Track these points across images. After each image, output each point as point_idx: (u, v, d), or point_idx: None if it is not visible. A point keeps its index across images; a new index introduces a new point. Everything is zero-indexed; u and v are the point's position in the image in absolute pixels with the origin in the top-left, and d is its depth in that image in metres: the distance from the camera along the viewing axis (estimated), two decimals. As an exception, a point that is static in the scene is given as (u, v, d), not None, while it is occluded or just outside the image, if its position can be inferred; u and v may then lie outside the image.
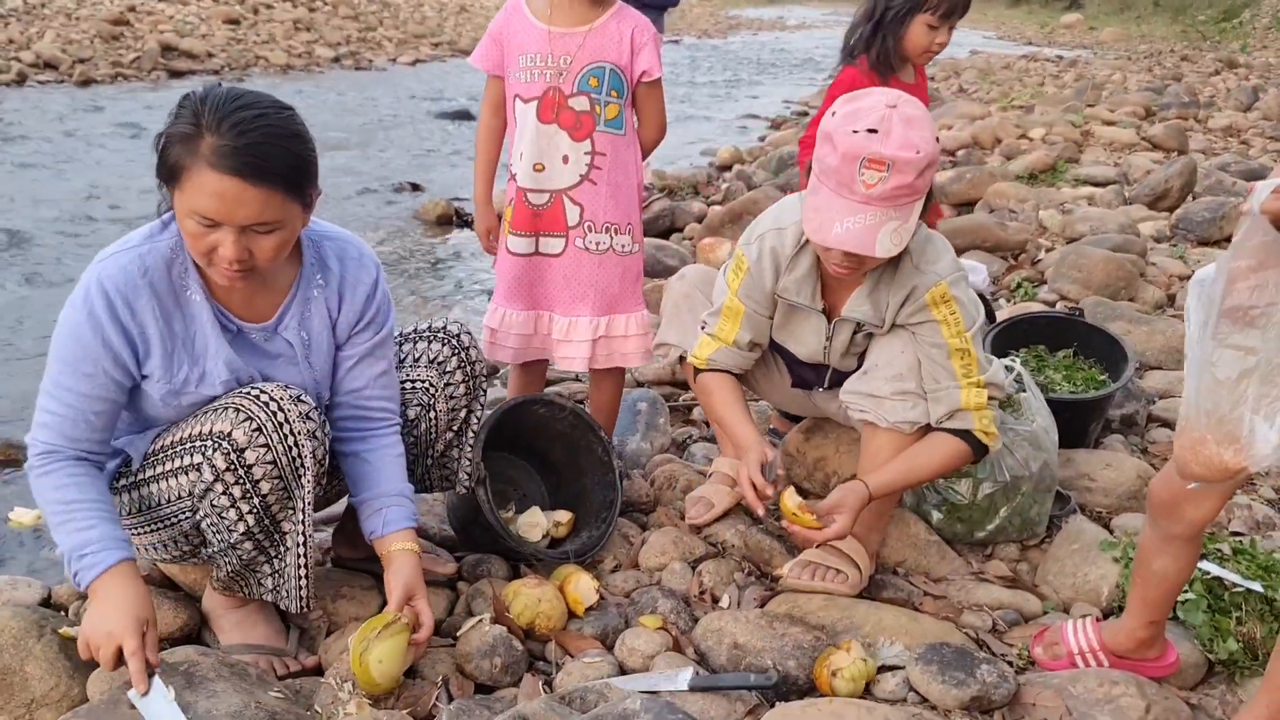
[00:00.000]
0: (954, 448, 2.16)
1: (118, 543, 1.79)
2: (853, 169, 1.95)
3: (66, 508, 1.79)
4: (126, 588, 1.77)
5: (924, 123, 1.99)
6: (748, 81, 15.86)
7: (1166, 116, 9.41)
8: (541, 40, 2.59)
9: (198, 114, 1.70)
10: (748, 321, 2.33)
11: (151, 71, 11.84)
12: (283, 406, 1.84)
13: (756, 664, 1.94)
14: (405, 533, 2.01)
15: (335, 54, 14.76)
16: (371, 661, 1.82)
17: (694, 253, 5.24)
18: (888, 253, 1.99)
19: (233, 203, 1.68)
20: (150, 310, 1.82)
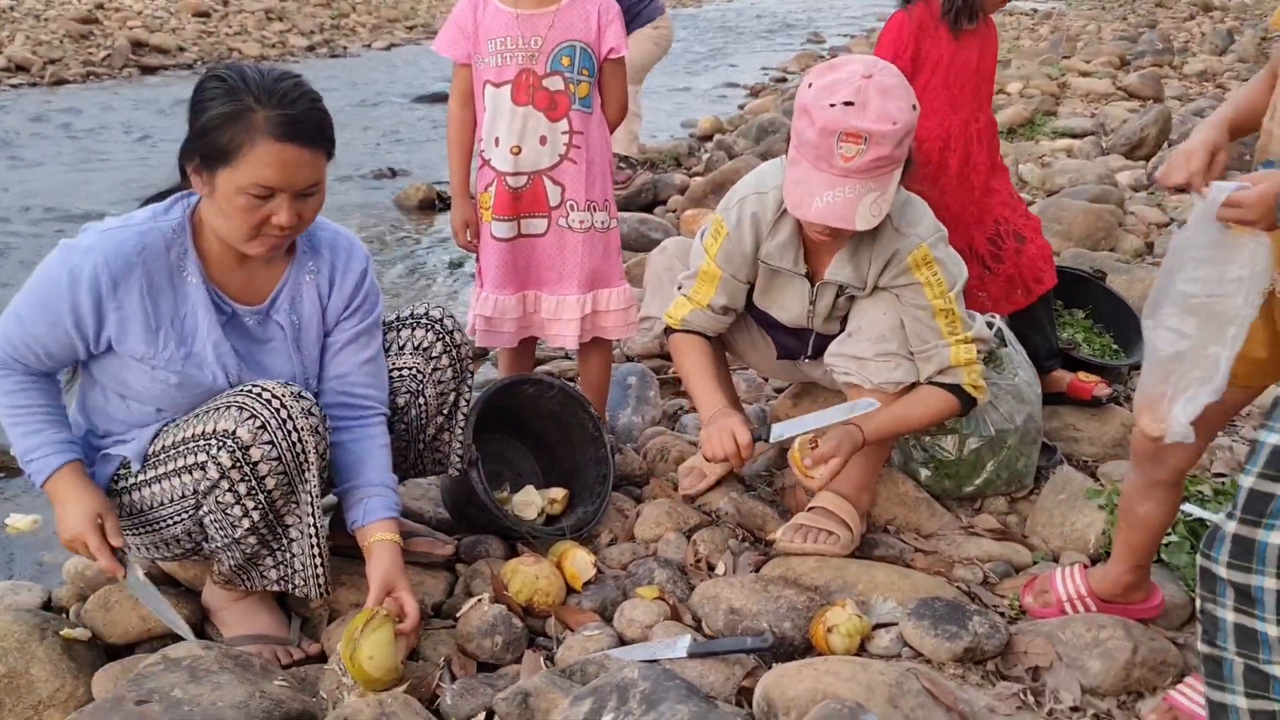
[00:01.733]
0: (944, 400, 2.20)
1: (61, 446, 1.92)
2: (830, 143, 1.97)
3: (14, 412, 1.91)
4: (74, 488, 1.90)
5: (900, 92, 2.00)
6: (725, 50, 15.78)
7: (1141, 65, 9.42)
8: (510, 23, 2.60)
9: (239, 91, 1.78)
10: (724, 286, 2.35)
11: (124, 69, 11.73)
12: (285, 403, 1.86)
13: (753, 627, 1.97)
14: (385, 523, 2.02)
15: (309, 42, 14.62)
16: (363, 660, 1.83)
17: (678, 225, 5.25)
18: (868, 224, 2.01)
19: (294, 169, 1.80)
20: (137, 288, 1.87)
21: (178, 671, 1.78)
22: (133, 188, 6.83)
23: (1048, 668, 1.89)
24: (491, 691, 1.87)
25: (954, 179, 2.77)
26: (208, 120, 1.78)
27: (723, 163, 6.28)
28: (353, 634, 1.86)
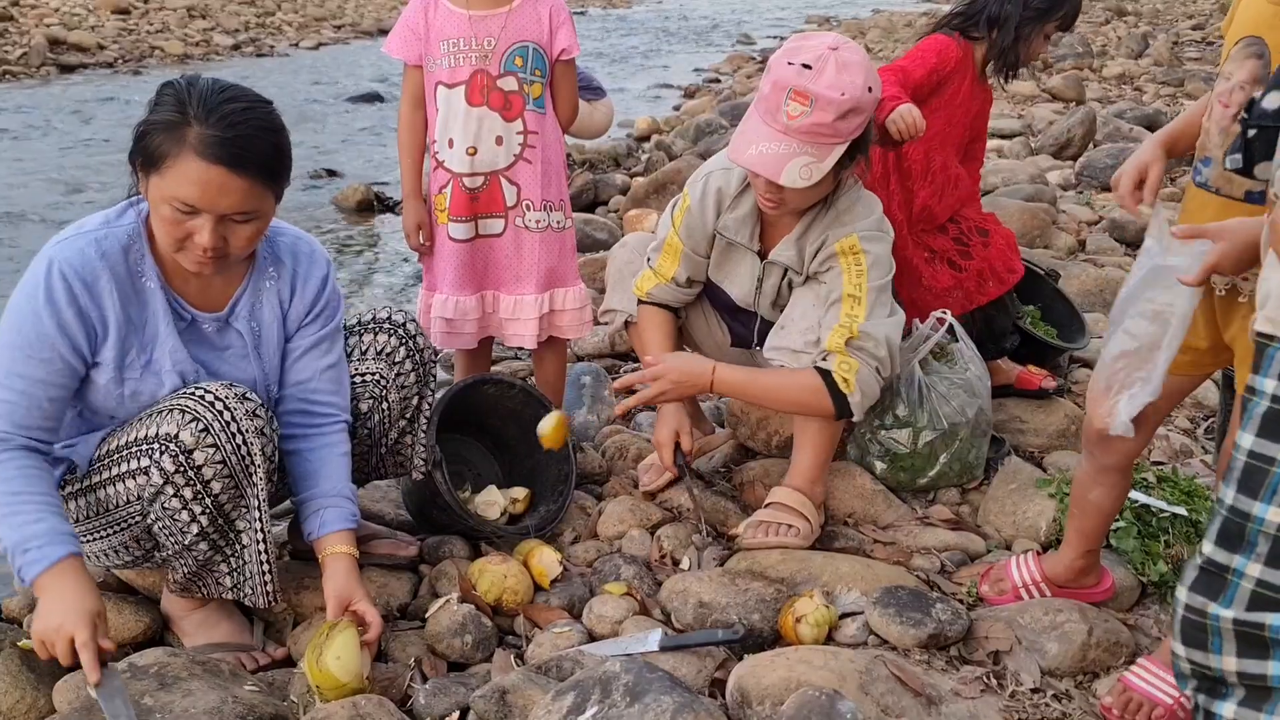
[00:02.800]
0: (806, 379, 2.21)
1: (64, 538, 1.77)
2: (780, 98, 2.04)
3: (13, 499, 1.76)
4: (75, 582, 1.75)
5: (859, 69, 2.05)
6: (656, 50, 15.85)
7: (1063, 68, 9.68)
8: (462, 24, 2.60)
9: (183, 103, 1.73)
10: (685, 260, 2.44)
11: (41, 67, 11.38)
12: (229, 405, 1.83)
13: (722, 620, 2.00)
14: (341, 535, 2.00)
15: (235, 41, 14.33)
16: (330, 661, 1.80)
17: (621, 225, 5.27)
18: (793, 183, 2.06)
19: (216, 191, 1.72)
20: (109, 294, 1.82)
21: (146, 679, 1.75)
22: (55, 188, 6.64)
23: (1008, 651, 1.95)
24: (464, 690, 1.87)
25: (929, 183, 2.85)
26: (147, 124, 1.75)
27: (663, 163, 6.32)
28: (317, 642, 1.84)
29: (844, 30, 16.30)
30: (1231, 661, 1.32)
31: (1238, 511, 1.29)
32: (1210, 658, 1.35)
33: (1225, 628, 1.32)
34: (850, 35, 15.32)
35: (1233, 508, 1.30)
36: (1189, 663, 1.38)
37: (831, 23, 18.70)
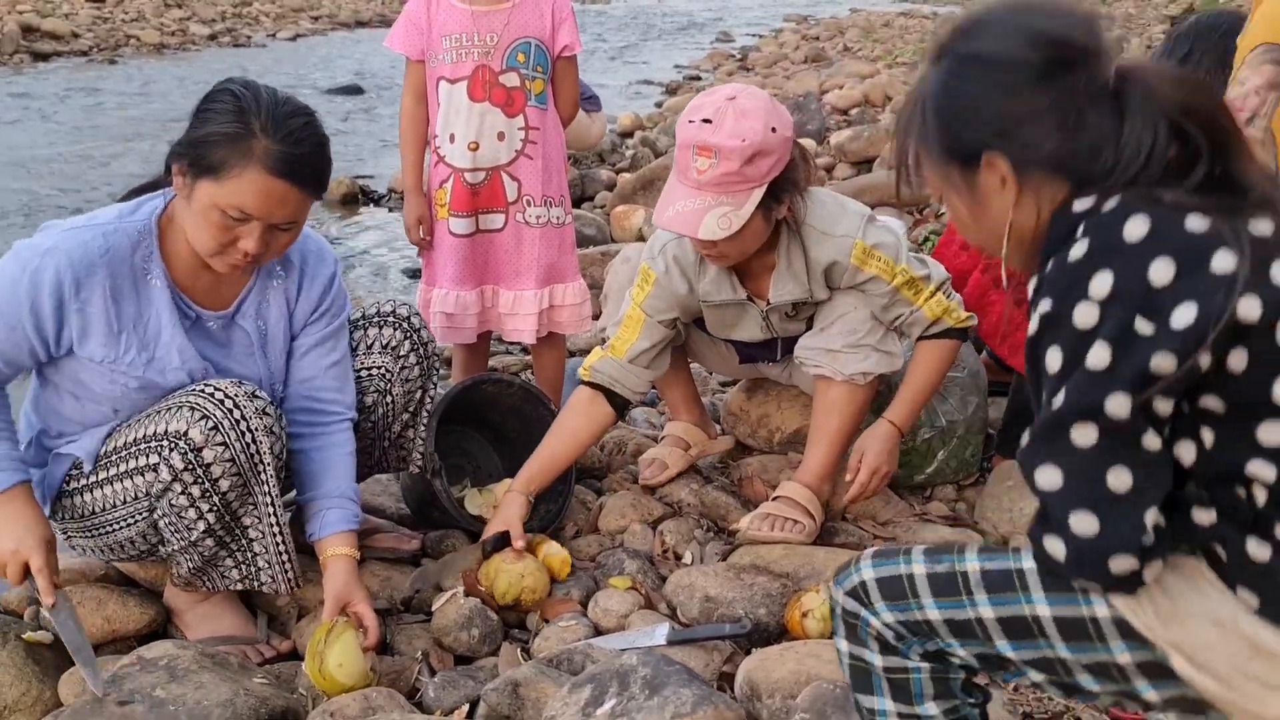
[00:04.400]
0: (940, 348, 2.32)
1: (12, 464, 1.82)
2: (687, 156, 2.08)
3: None
4: (26, 508, 1.80)
5: (757, 114, 2.06)
6: (635, 46, 15.88)
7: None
8: (465, 20, 2.60)
9: (248, 114, 1.75)
10: (647, 330, 2.34)
11: (14, 54, 11.25)
12: (239, 403, 1.83)
13: (729, 614, 2.02)
14: (342, 536, 2.00)
15: (211, 31, 14.24)
16: (331, 668, 1.81)
17: (609, 220, 5.29)
18: (711, 235, 2.06)
19: (276, 203, 1.78)
20: (100, 289, 1.82)
21: (156, 671, 1.75)
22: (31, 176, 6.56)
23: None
24: (473, 684, 1.89)
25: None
26: (209, 133, 1.76)
27: (648, 160, 6.34)
28: (316, 647, 1.83)
29: (823, 30, 16.39)
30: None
31: None
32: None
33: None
34: (829, 34, 15.42)
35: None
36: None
37: (809, 22, 18.78)
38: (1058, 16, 1.22)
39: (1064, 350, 1.11)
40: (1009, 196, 1.24)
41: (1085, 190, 1.18)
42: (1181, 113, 1.15)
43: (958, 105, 1.24)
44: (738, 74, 11.54)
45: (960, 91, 1.24)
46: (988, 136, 1.22)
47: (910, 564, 1.29)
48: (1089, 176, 1.18)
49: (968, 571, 1.26)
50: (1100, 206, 1.15)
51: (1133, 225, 1.11)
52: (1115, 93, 1.18)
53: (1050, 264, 1.15)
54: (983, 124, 1.22)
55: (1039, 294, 1.15)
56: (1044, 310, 1.13)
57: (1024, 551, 1.24)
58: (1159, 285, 1.07)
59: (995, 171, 1.23)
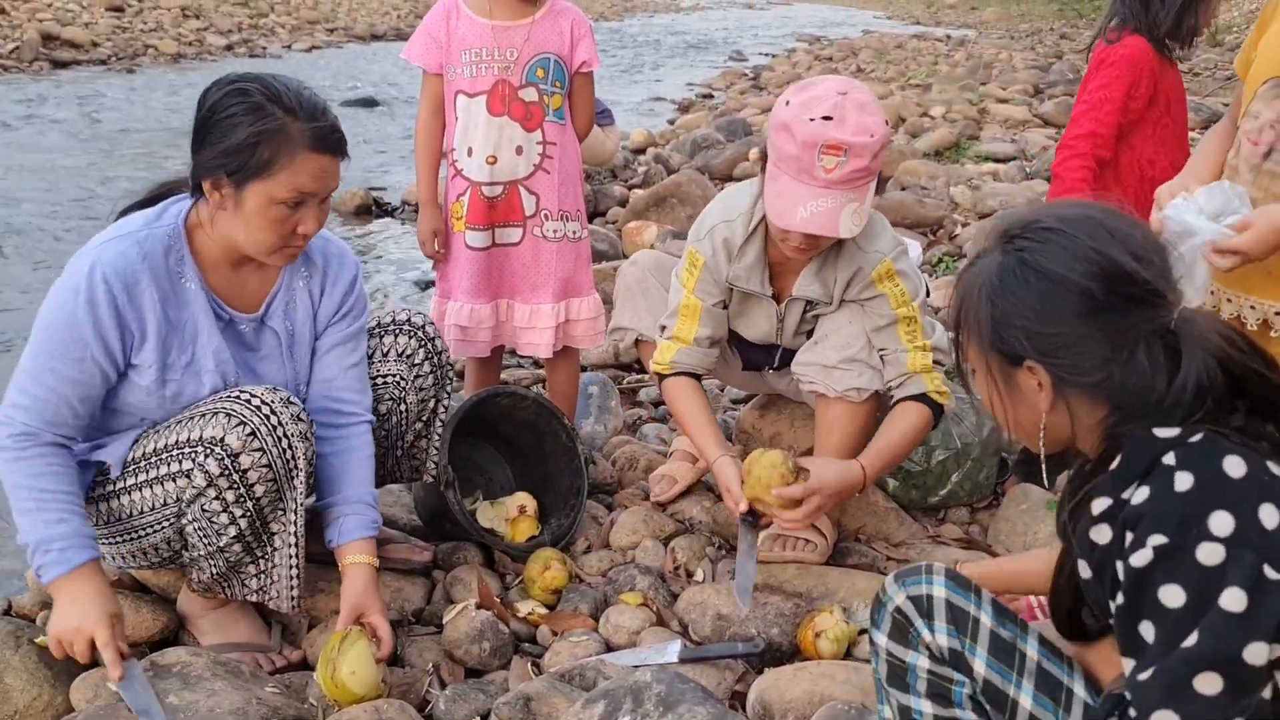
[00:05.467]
0: (919, 414, 2.26)
1: (86, 541, 1.80)
2: (812, 155, 2.04)
3: (40, 495, 1.78)
4: (93, 586, 1.80)
5: (874, 107, 2.09)
6: (649, 64, 15.93)
7: (1054, 93, 9.79)
8: (485, 35, 2.61)
9: (268, 107, 1.78)
10: (706, 316, 2.38)
11: (34, 62, 11.33)
12: (275, 410, 1.84)
13: (741, 633, 2.02)
14: (360, 543, 2.00)
15: (228, 41, 14.32)
16: (344, 676, 1.80)
17: (620, 236, 5.29)
18: (850, 232, 2.08)
19: (327, 177, 1.86)
20: (150, 296, 1.83)
21: (169, 678, 1.75)
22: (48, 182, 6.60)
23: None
24: (483, 697, 1.88)
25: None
26: (242, 139, 1.77)
27: (661, 177, 6.34)
28: (329, 655, 1.83)
29: (835, 50, 16.45)
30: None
31: None
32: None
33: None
34: (842, 55, 15.47)
35: None
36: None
37: (822, 42, 18.84)
38: (1131, 251, 1.21)
39: (1189, 589, 1.09)
40: (1044, 402, 1.25)
41: (1133, 418, 1.19)
42: (1226, 356, 1.17)
43: (1009, 309, 1.24)
44: (750, 93, 11.57)
45: (1014, 297, 1.24)
46: (1031, 349, 1.23)
47: (980, 609, 1.32)
48: (1135, 408, 1.20)
49: (1026, 654, 1.30)
50: (1187, 438, 1.15)
51: (1231, 464, 1.12)
52: (1169, 332, 1.19)
53: (1148, 493, 1.14)
54: (1029, 336, 1.23)
55: (1141, 524, 1.13)
56: (1159, 544, 1.11)
57: (1077, 673, 1.30)
58: (1272, 527, 1.09)
59: (1034, 377, 1.25)
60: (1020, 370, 1.26)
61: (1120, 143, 2.62)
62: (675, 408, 2.44)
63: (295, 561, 1.93)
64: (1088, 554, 1.21)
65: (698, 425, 2.36)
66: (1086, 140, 2.60)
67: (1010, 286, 1.24)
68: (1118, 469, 1.18)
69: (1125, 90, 2.58)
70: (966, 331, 1.31)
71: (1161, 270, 1.22)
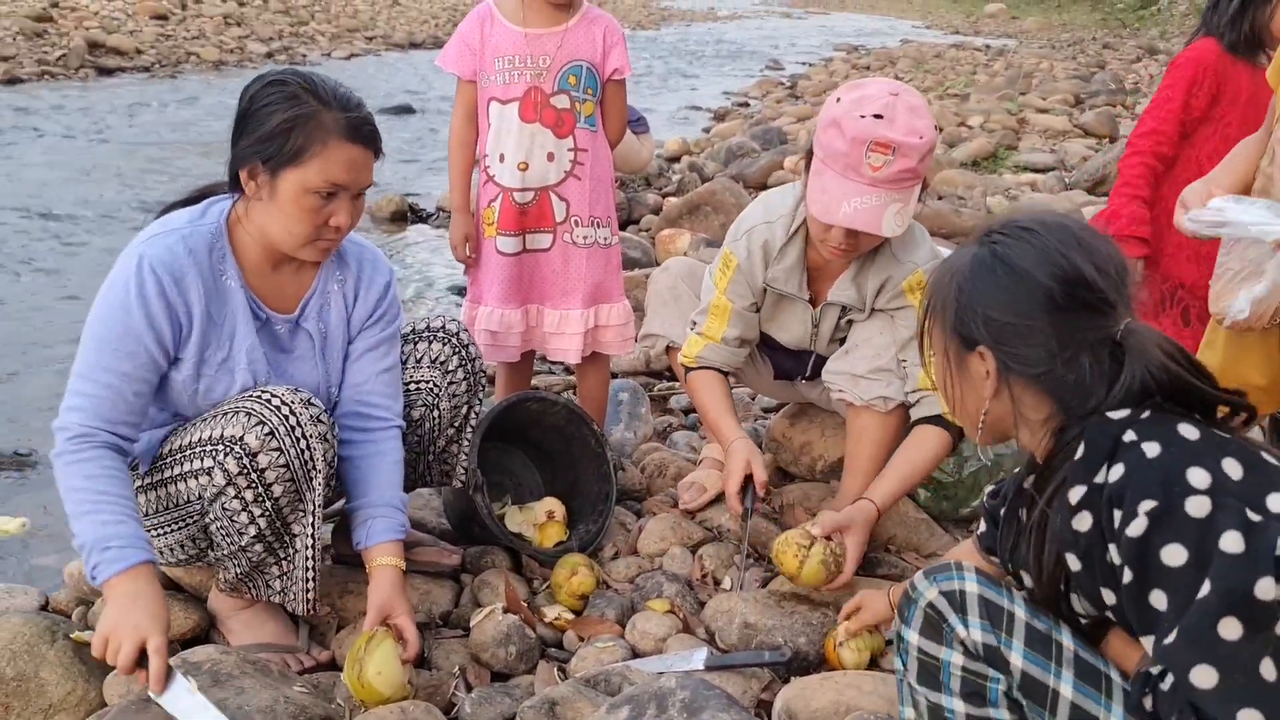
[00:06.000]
0: (934, 440, 2.25)
1: (143, 544, 1.78)
2: (860, 152, 2.04)
3: (97, 497, 1.77)
4: (149, 588, 1.76)
5: (925, 111, 2.09)
6: (684, 73, 15.95)
7: (1096, 104, 9.70)
8: (518, 42, 2.63)
9: (303, 96, 1.81)
10: (735, 318, 2.41)
11: (80, 69, 11.54)
12: (294, 410, 1.86)
13: (768, 642, 2.01)
14: (388, 545, 2.00)
15: (268, 49, 14.52)
16: (370, 676, 1.81)
17: (654, 244, 5.30)
18: (893, 232, 2.08)
19: (360, 169, 1.87)
20: (196, 290, 1.86)
21: (200, 675, 1.76)
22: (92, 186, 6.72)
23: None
24: (509, 701, 1.88)
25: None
26: (276, 126, 1.80)
27: (695, 185, 6.35)
28: (356, 655, 1.84)
29: (873, 59, 16.39)
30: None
31: None
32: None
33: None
34: (880, 64, 15.40)
35: None
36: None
37: (859, 51, 18.78)
38: (1095, 261, 1.30)
39: (1188, 543, 1.14)
40: (988, 389, 1.35)
41: (1076, 418, 1.28)
42: (1165, 368, 1.24)
43: (972, 296, 1.35)
44: (786, 101, 11.55)
45: (979, 285, 1.34)
46: (986, 335, 1.33)
47: (1013, 603, 1.34)
48: (1075, 407, 1.29)
49: (1062, 645, 1.31)
50: (1138, 416, 1.23)
51: (1185, 429, 1.20)
52: (1115, 344, 1.28)
53: (1122, 468, 1.19)
54: (985, 323, 1.33)
55: (1127, 497, 1.18)
56: (1149, 508, 1.16)
57: (1110, 663, 1.31)
58: (1237, 479, 1.15)
59: (984, 363, 1.34)
60: (972, 355, 1.35)
61: (1183, 140, 2.62)
62: (696, 397, 2.48)
63: (311, 564, 1.94)
64: (1073, 545, 1.25)
65: (716, 411, 2.41)
66: (1148, 138, 2.63)
67: (979, 275, 1.35)
68: (1084, 457, 1.24)
69: (1186, 89, 2.61)
70: (933, 315, 1.40)
71: (1117, 284, 1.30)
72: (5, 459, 3.21)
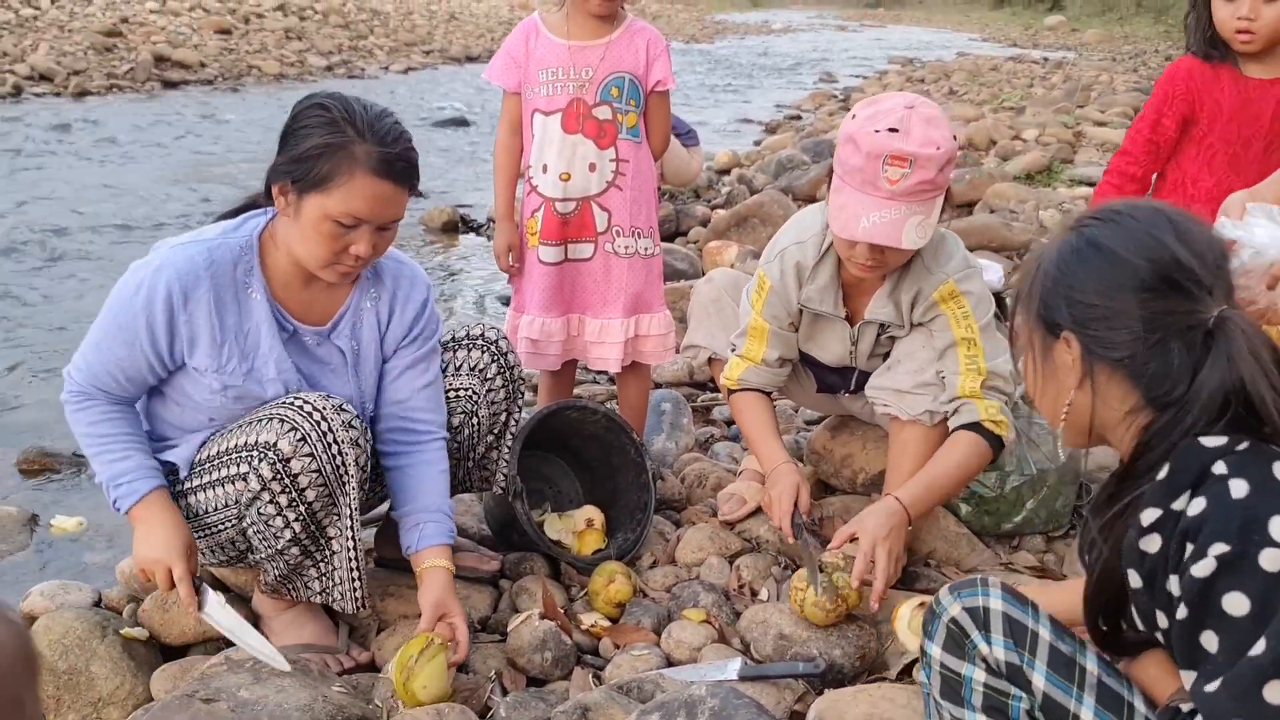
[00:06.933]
0: (971, 444, 2.22)
1: (150, 471, 1.93)
2: (877, 166, 2.04)
3: (101, 440, 1.93)
4: (164, 515, 1.93)
5: (941, 121, 2.08)
6: (737, 86, 15.96)
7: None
8: (562, 54, 2.66)
9: (343, 123, 1.83)
10: (774, 339, 2.42)
11: (146, 82, 11.86)
12: (326, 416, 1.90)
13: (803, 653, 2.00)
14: (438, 549, 2.05)
15: (328, 62, 14.80)
16: (417, 689, 1.85)
17: (701, 256, 5.31)
18: (914, 244, 2.07)
19: (383, 204, 1.87)
20: (205, 302, 1.90)
21: (241, 673, 1.81)
22: (155, 198, 6.89)
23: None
24: (544, 706, 1.90)
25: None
26: (310, 147, 1.83)
27: (744, 197, 6.35)
28: (407, 661, 1.86)
29: (928, 72, 16.26)
30: None
31: None
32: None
33: None
34: (935, 77, 15.28)
35: None
36: None
37: (914, 64, 18.65)
38: (1191, 245, 1.25)
39: (1253, 596, 1.10)
40: (1073, 378, 1.30)
41: (1162, 410, 1.22)
42: (1254, 373, 1.17)
43: (1059, 280, 1.30)
44: (839, 114, 11.51)
45: (1068, 269, 1.30)
46: (1070, 319, 1.28)
47: (1038, 623, 1.33)
48: (1159, 399, 1.23)
49: (1086, 669, 1.29)
50: (1234, 446, 1.17)
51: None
52: (1208, 333, 1.22)
53: (1203, 503, 1.14)
54: (1071, 306, 1.29)
55: (1202, 534, 1.13)
56: (1220, 552, 1.11)
57: (1135, 689, 1.30)
58: None
59: (1069, 350, 1.29)
60: (1058, 342, 1.30)
61: (1170, 161, 2.61)
62: (740, 419, 2.49)
63: (356, 564, 1.98)
64: (1137, 564, 1.20)
65: (760, 435, 2.42)
66: (1118, 158, 2.61)
67: (1066, 259, 1.30)
68: (1166, 479, 1.18)
69: (1156, 109, 2.60)
70: (1021, 302, 1.35)
71: (1213, 269, 1.24)
72: (63, 460, 3.30)
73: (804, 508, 2.26)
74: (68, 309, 4.81)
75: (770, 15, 43.25)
